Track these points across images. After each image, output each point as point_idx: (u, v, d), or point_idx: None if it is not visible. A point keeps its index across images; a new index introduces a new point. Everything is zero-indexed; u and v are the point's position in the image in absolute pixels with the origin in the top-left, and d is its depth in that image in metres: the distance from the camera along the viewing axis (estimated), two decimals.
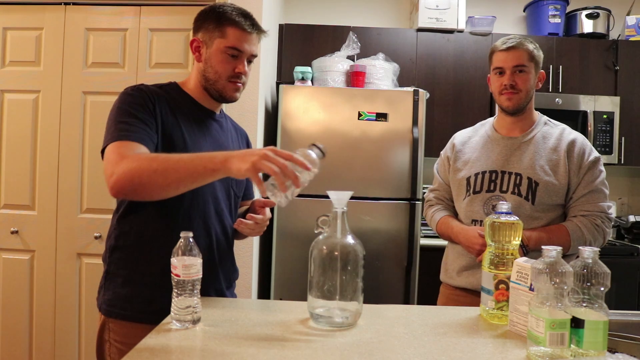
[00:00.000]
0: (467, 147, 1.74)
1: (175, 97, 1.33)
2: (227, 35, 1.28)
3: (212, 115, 1.39)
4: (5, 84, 2.51)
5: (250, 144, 1.59)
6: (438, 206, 1.80)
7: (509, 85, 1.58)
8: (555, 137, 1.62)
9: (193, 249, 1.07)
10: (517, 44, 1.59)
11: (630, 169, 3.38)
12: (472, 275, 1.61)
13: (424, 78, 3.06)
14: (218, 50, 1.28)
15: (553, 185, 1.56)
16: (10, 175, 2.51)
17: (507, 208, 1.21)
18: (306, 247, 1.11)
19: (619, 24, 3.27)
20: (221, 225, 1.35)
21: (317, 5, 3.45)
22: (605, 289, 0.92)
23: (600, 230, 1.54)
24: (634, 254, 2.82)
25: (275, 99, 2.97)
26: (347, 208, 1.10)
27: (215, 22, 1.29)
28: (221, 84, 1.31)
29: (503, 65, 1.60)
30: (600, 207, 1.55)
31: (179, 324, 1.03)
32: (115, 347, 1.22)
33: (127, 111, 1.20)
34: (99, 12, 2.50)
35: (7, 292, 2.50)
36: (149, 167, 1.06)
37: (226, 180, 1.36)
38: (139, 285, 1.23)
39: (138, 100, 1.22)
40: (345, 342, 0.99)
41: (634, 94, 3.08)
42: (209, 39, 1.30)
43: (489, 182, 1.62)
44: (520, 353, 0.96)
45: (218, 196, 1.34)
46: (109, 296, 1.26)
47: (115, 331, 1.23)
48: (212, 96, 1.35)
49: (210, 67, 1.30)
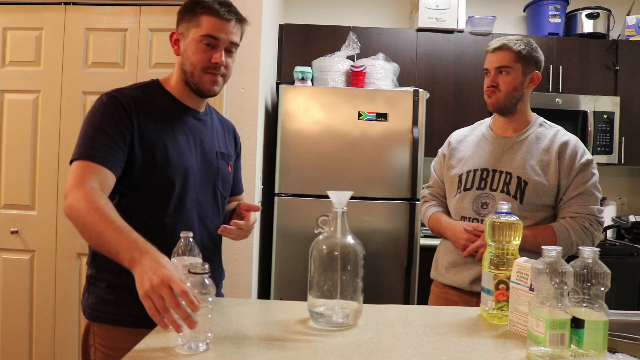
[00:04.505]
0: (462, 145, 1.75)
1: (155, 98, 1.29)
2: (202, 24, 1.23)
3: (196, 114, 1.34)
4: (5, 84, 2.51)
5: (237, 137, 1.53)
6: (431, 202, 1.83)
7: (490, 85, 1.61)
8: (548, 138, 1.62)
9: (193, 248, 1.07)
10: (502, 45, 1.60)
11: (630, 169, 3.38)
12: (459, 273, 1.63)
13: (424, 78, 3.06)
14: (193, 41, 1.24)
15: (542, 185, 1.55)
16: (10, 175, 2.51)
17: (507, 208, 1.21)
18: (306, 247, 1.11)
19: (619, 24, 3.27)
20: (206, 230, 1.32)
21: (317, 5, 3.44)
22: (605, 289, 0.92)
23: (588, 233, 1.53)
24: (634, 254, 2.82)
25: (275, 99, 2.97)
26: (347, 208, 1.10)
27: (191, 12, 1.25)
28: (197, 75, 1.26)
29: (488, 66, 1.63)
30: (590, 209, 1.54)
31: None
32: (100, 351, 1.20)
33: (97, 126, 1.17)
34: (99, 12, 2.50)
35: (7, 292, 2.50)
36: (83, 218, 1.04)
37: (212, 182, 1.34)
38: (123, 289, 1.15)
39: (111, 111, 1.18)
40: (345, 342, 0.99)
41: (634, 94, 3.08)
42: (185, 29, 1.26)
43: (480, 180, 1.63)
44: (520, 353, 0.96)
45: (202, 201, 1.31)
46: (93, 300, 1.24)
47: (100, 335, 1.21)
48: (192, 91, 1.30)
49: (186, 59, 1.26)
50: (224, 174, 1.38)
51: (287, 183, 2.56)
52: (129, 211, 1.17)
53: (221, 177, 1.36)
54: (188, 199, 1.27)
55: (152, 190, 1.23)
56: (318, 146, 2.55)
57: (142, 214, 1.20)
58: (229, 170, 1.41)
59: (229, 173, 1.41)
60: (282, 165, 2.56)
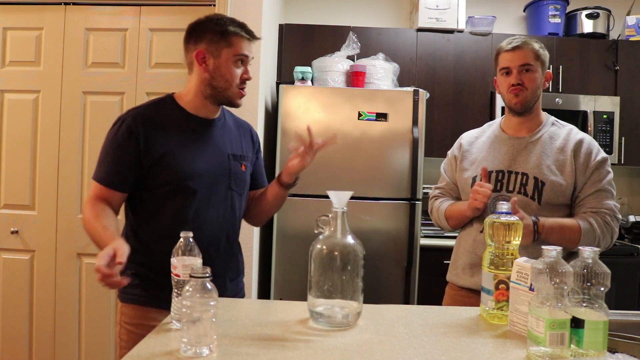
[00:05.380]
0: (474, 147, 1.74)
1: (167, 112, 1.42)
2: (233, 44, 1.38)
3: (208, 122, 1.46)
4: (5, 84, 2.51)
5: (254, 136, 1.64)
6: (444, 197, 1.80)
7: (516, 83, 1.59)
8: (562, 137, 1.61)
9: (193, 249, 1.08)
10: (522, 44, 1.59)
11: (630, 169, 3.38)
12: (477, 274, 1.59)
13: (424, 78, 3.06)
14: (228, 60, 1.38)
15: (560, 185, 1.55)
16: (10, 175, 2.51)
17: (507, 208, 1.21)
18: (306, 247, 1.11)
19: (619, 24, 3.27)
20: (223, 228, 1.46)
21: (317, 5, 3.44)
22: (605, 289, 0.92)
23: (609, 228, 1.53)
24: (634, 254, 2.82)
25: (275, 99, 2.97)
26: (347, 208, 1.10)
27: (219, 33, 1.38)
28: (232, 91, 1.41)
29: (509, 65, 1.60)
30: (608, 205, 1.54)
31: (179, 324, 1.03)
32: (125, 329, 1.37)
33: (109, 152, 1.37)
34: (99, 12, 2.50)
35: (7, 292, 2.50)
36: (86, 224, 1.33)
37: (225, 183, 1.45)
38: (146, 276, 1.37)
39: (122, 136, 1.35)
40: (345, 342, 0.99)
41: (634, 94, 3.08)
42: (215, 49, 1.38)
43: (495, 181, 1.61)
44: (520, 353, 0.96)
45: (216, 201, 1.44)
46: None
47: (126, 314, 1.38)
48: (220, 103, 1.45)
49: (220, 76, 1.39)
50: (237, 174, 1.49)
51: None
52: (153, 216, 1.39)
53: (233, 177, 1.48)
54: (203, 201, 1.40)
55: (168, 194, 1.38)
56: None
57: (164, 217, 1.38)
58: (242, 169, 1.52)
59: (242, 172, 1.52)
60: (282, 165, 2.55)
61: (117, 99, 2.48)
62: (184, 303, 0.90)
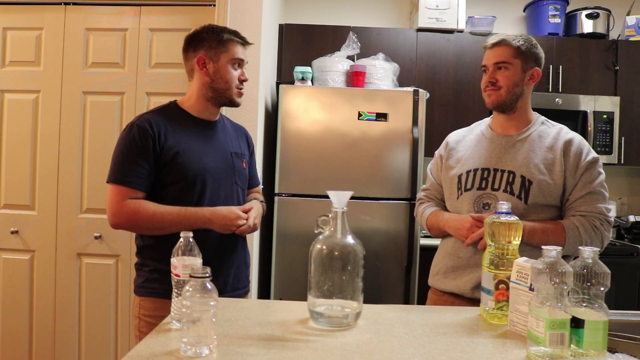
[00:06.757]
0: (461, 146, 1.70)
1: (176, 117, 1.55)
2: (230, 49, 1.53)
3: (211, 124, 1.60)
4: (5, 84, 2.51)
5: (249, 138, 1.79)
6: (428, 203, 1.76)
7: (488, 82, 1.56)
8: (552, 136, 1.57)
9: (193, 248, 1.08)
10: (500, 41, 1.56)
11: (630, 169, 3.38)
12: (459, 278, 1.55)
13: (424, 78, 3.06)
14: (226, 63, 1.53)
15: (547, 184, 1.50)
16: (10, 175, 2.51)
17: (507, 208, 1.21)
18: (306, 247, 1.11)
19: (619, 24, 3.27)
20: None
21: (317, 5, 3.44)
22: (605, 289, 0.92)
23: (598, 233, 1.47)
24: (634, 254, 2.81)
25: (275, 99, 2.97)
26: (347, 208, 1.10)
27: (217, 39, 1.52)
28: (232, 91, 1.55)
29: (486, 62, 1.58)
30: (598, 208, 1.49)
31: (179, 324, 1.03)
32: (144, 321, 1.47)
33: (127, 154, 1.45)
34: (99, 12, 2.50)
35: (7, 292, 2.50)
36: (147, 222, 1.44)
37: (231, 178, 1.58)
38: (163, 271, 1.43)
39: (139, 138, 1.45)
40: (345, 342, 0.99)
41: (634, 94, 3.08)
42: (214, 54, 1.52)
43: (481, 179, 1.57)
44: (520, 353, 0.96)
45: (224, 195, 1.55)
46: (140, 280, 1.52)
47: (144, 307, 1.48)
48: (221, 103, 1.58)
49: (220, 78, 1.53)
50: (240, 170, 1.63)
51: (287, 183, 2.56)
52: None
53: (237, 173, 1.62)
54: (214, 195, 1.52)
55: (182, 190, 1.49)
56: (318, 146, 2.55)
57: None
58: (243, 166, 1.66)
59: (244, 169, 1.67)
60: (282, 165, 2.56)
61: (117, 99, 2.48)
62: (184, 303, 0.90)
